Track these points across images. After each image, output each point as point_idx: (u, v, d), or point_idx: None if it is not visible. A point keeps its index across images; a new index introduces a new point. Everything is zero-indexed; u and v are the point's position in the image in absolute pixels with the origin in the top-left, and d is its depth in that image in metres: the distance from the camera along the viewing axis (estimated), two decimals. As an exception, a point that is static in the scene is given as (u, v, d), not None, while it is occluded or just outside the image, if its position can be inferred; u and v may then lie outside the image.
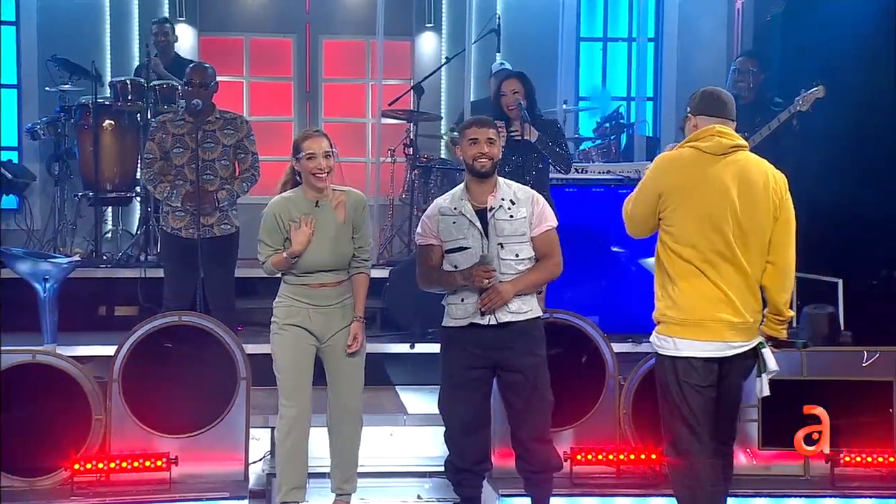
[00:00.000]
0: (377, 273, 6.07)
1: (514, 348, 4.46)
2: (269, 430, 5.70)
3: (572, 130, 8.81)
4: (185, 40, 9.01)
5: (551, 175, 6.44)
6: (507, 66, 7.91)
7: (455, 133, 8.65)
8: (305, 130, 4.95)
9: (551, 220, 4.61)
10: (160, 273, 6.41)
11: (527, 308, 4.50)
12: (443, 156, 8.83)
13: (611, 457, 5.26)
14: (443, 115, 9.19)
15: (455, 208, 4.51)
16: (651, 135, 9.03)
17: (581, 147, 8.34)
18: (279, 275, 4.84)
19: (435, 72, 8.63)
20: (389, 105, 8.01)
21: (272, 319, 4.85)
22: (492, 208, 4.48)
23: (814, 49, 7.01)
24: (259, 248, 4.84)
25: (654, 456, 5.24)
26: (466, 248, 4.46)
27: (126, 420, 5.09)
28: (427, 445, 5.57)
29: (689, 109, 4.35)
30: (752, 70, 6.89)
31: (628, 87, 9.53)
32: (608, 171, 6.96)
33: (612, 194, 6.77)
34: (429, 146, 8.68)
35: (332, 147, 4.74)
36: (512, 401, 4.54)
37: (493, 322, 4.43)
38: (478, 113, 7.83)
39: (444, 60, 8.84)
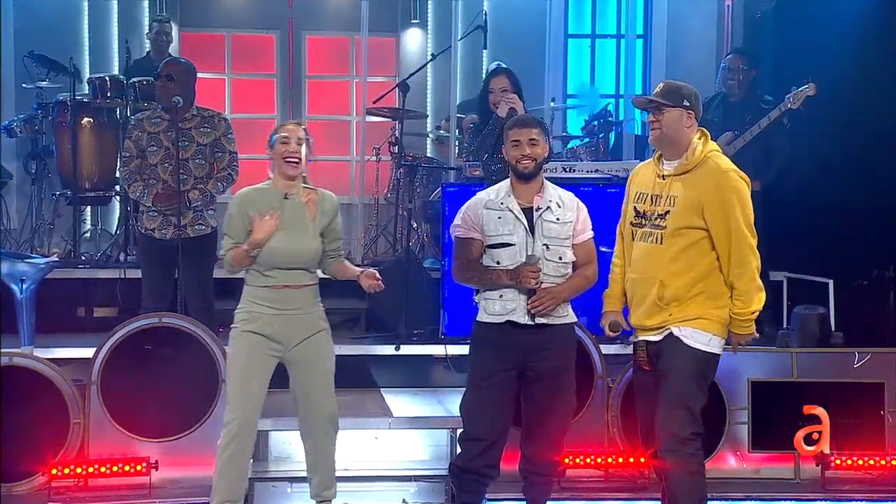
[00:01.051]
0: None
1: (548, 350, 4.44)
2: (251, 433, 5.69)
3: (560, 128, 8.82)
4: (166, 36, 8.99)
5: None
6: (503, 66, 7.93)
7: (441, 131, 8.70)
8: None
9: (591, 230, 4.62)
10: (139, 274, 6.39)
11: (564, 312, 4.50)
12: (429, 154, 8.83)
13: (599, 460, 5.28)
14: (428, 112, 9.20)
15: (501, 203, 4.49)
16: (640, 133, 9.04)
17: (569, 145, 8.35)
18: (241, 273, 4.66)
19: (421, 69, 8.63)
20: (374, 102, 8.00)
21: (232, 325, 4.68)
22: (539, 208, 4.47)
23: (805, 46, 7.03)
24: (222, 242, 4.70)
25: (643, 459, 5.24)
26: (511, 245, 4.44)
27: (105, 424, 5.08)
28: (412, 449, 5.57)
29: (688, 104, 4.33)
30: (742, 68, 6.90)
31: (617, 84, 9.56)
32: (596, 170, 6.95)
33: (600, 193, 6.75)
34: (414, 144, 8.68)
35: (307, 136, 4.62)
36: (537, 400, 4.50)
37: (530, 322, 4.41)
38: (466, 112, 7.88)
39: (429, 57, 8.85)
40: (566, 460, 5.20)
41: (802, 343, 6.03)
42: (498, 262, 4.45)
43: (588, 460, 5.28)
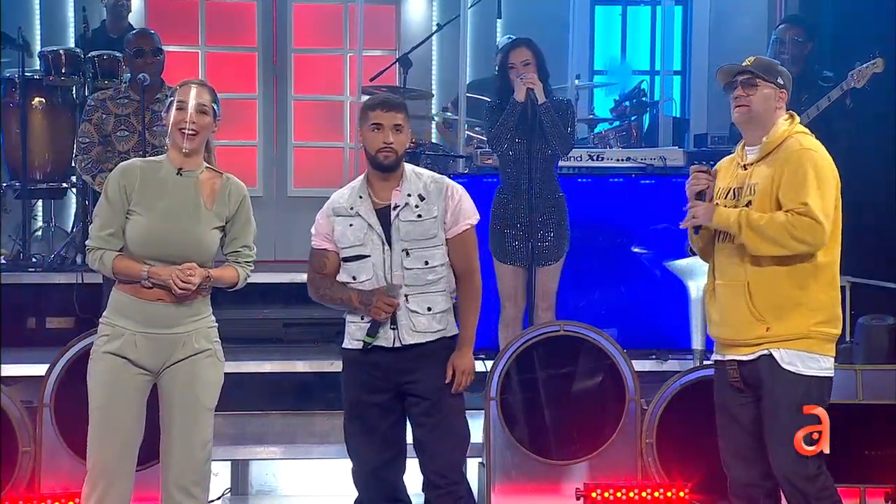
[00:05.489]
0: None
1: (424, 371, 4.42)
2: (228, 462, 5.71)
3: (586, 110, 8.81)
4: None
5: (562, 163, 6.46)
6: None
7: (448, 114, 8.70)
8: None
9: (471, 217, 4.53)
10: (99, 279, 6.38)
11: (438, 326, 4.44)
12: (434, 140, 8.83)
13: (631, 494, 5.26)
14: (434, 92, 9.20)
15: (351, 208, 4.44)
16: (678, 115, 9.04)
17: (596, 129, 8.35)
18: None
19: (424, 41, 8.63)
20: (371, 80, 8.01)
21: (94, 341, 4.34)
22: (396, 206, 4.42)
23: (871, 15, 7.01)
24: (90, 228, 4.36)
25: (682, 494, 5.24)
26: (365, 257, 4.40)
27: (59, 452, 5.07)
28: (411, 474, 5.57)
29: (782, 83, 4.32)
30: (797, 40, 6.90)
31: (652, 59, 9.53)
32: (628, 159, 6.98)
33: (632, 185, 6.78)
34: (417, 128, 8.66)
35: (214, 105, 4.33)
36: (423, 424, 4.47)
37: (397, 344, 4.39)
38: (480, 93, 7.86)
39: (435, 28, 8.85)
40: (593, 495, 5.21)
41: (869, 359, 6.01)
42: (354, 278, 4.41)
43: (619, 494, 5.26)
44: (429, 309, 4.40)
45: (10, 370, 6.00)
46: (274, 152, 9.26)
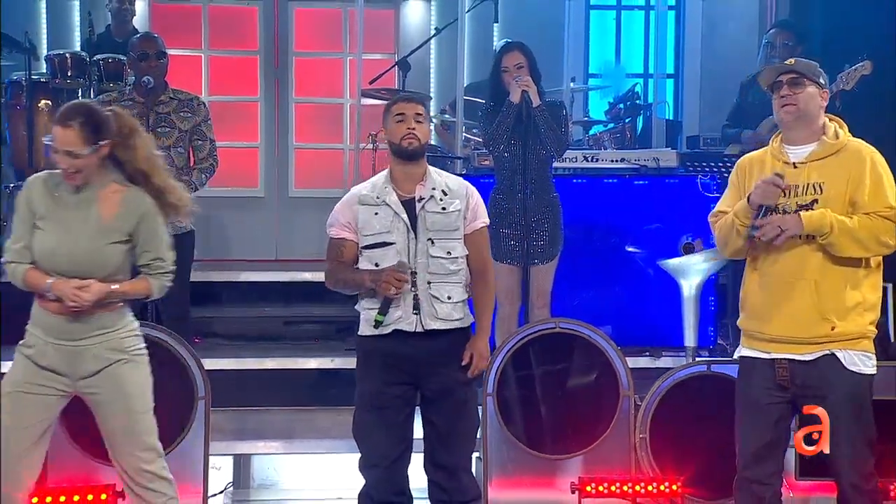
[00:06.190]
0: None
1: (443, 360, 4.47)
2: (230, 457, 5.71)
3: (581, 112, 8.83)
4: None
5: (558, 165, 6.46)
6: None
7: (446, 116, 8.70)
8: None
9: (485, 217, 4.66)
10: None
11: (458, 315, 4.51)
12: (432, 142, 8.83)
13: (625, 488, 5.26)
14: (432, 94, 9.19)
15: (378, 197, 4.50)
16: (671, 118, 9.04)
17: (591, 132, 8.36)
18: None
19: (423, 45, 8.63)
20: (370, 83, 8.01)
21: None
22: (421, 198, 4.48)
23: (860, 19, 7.02)
24: (6, 241, 4.29)
25: (675, 487, 5.25)
26: (390, 244, 4.45)
27: (64, 447, 5.07)
28: (415, 473, 5.57)
29: (824, 83, 4.34)
30: (788, 44, 6.91)
31: (645, 62, 9.52)
32: (622, 160, 6.99)
33: (626, 185, 6.79)
34: (416, 131, 8.67)
35: (88, 136, 4.06)
36: (438, 422, 4.53)
37: (419, 329, 4.43)
38: (478, 95, 7.87)
39: (433, 32, 8.84)
40: (588, 488, 5.22)
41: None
42: (377, 265, 4.45)
43: (613, 488, 5.26)
44: (449, 298, 4.47)
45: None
46: (275, 153, 9.26)
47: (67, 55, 7.66)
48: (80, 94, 7.66)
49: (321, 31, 9.58)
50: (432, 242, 4.45)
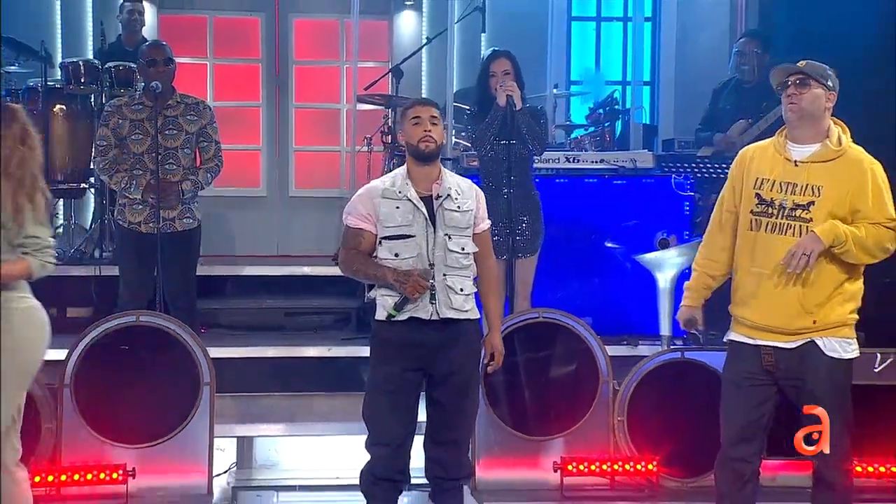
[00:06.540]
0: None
1: (454, 346, 4.48)
2: (234, 439, 5.72)
3: (563, 117, 8.82)
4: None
5: (542, 165, 6.48)
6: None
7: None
8: None
9: (488, 218, 4.71)
10: (116, 271, 6.41)
11: (468, 307, 4.53)
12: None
13: (604, 467, 5.29)
14: (423, 100, 9.18)
15: (399, 192, 4.51)
16: (648, 122, 9.06)
17: (573, 135, 8.36)
18: None
19: (415, 53, 8.64)
20: (365, 89, 8.01)
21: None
22: (439, 196, 4.50)
23: (822, 29, 7.03)
24: None
25: (651, 466, 5.28)
26: (410, 237, 4.47)
27: (79, 429, 5.09)
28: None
29: (831, 85, 4.32)
30: (756, 52, 6.93)
31: (623, 70, 9.55)
32: (602, 161, 6.99)
33: (605, 185, 6.80)
34: (408, 134, 8.67)
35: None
36: (443, 402, 4.54)
37: (434, 317, 4.44)
38: (466, 101, 7.88)
39: (424, 41, 8.85)
40: (569, 468, 5.24)
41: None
42: (397, 255, 4.46)
43: (592, 467, 5.29)
44: (462, 290, 4.49)
45: (34, 355, 6.01)
46: (276, 156, 9.26)
47: (81, 63, 7.65)
48: (92, 98, 7.66)
49: (319, 41, 9.59)
50: (449, 237, 4.47)
